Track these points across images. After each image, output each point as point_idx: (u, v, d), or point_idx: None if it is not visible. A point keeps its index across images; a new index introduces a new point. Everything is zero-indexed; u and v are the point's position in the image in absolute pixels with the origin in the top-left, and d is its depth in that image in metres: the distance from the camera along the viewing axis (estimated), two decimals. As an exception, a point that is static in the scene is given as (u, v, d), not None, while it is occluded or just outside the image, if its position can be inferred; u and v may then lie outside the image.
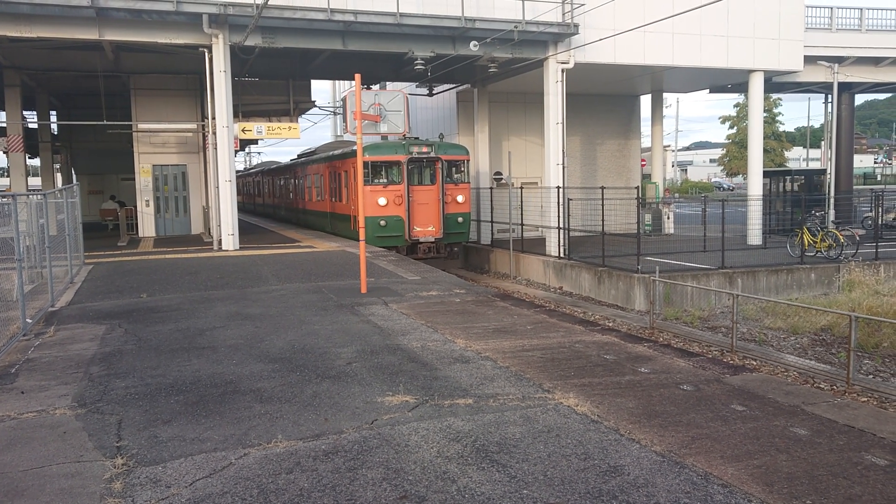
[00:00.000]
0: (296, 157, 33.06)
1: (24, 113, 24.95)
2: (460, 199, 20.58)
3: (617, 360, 7.42)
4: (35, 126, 28.37)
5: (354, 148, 19.72)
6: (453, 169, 20.51)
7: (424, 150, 19.88)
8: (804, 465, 4.67)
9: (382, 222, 19.54)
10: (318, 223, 25.92)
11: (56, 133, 32.15)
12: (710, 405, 5.92)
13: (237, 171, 52.19)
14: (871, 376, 10.84)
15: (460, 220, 20.68)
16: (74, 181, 31.12)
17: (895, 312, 14.22)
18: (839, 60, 25.94)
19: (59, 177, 34.59)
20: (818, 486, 4.38)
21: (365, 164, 18.81)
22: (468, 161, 21.15)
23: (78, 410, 5.99)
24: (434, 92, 27.08)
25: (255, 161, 65.76)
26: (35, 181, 35.60)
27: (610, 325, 12.65)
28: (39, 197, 12.92)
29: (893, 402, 8.33)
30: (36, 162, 34.30)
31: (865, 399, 8.50)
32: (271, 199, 37.76)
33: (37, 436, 5.41)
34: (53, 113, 31.14)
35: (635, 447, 5.00)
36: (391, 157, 19.74)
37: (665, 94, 29.78)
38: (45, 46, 19.43)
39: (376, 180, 19.68)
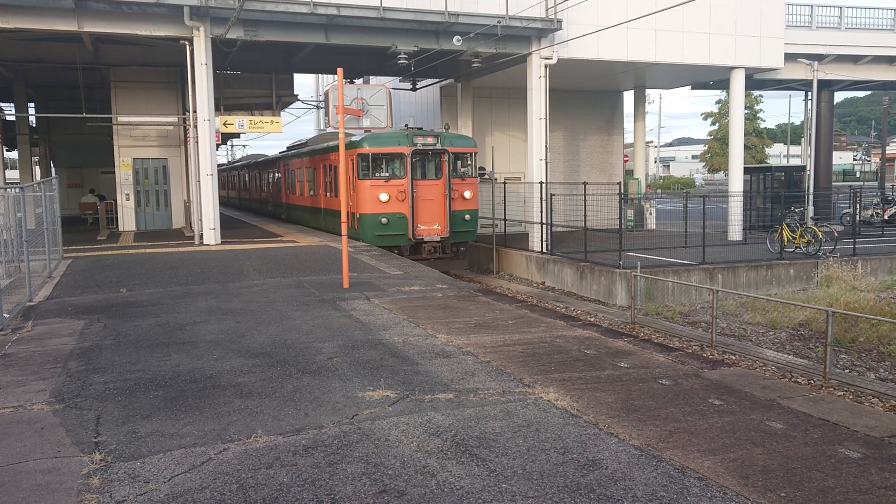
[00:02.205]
0: (285, 149, 31.46)
1: (2, 105, 24.62)
2: (468, 194, 19.01)
3: (597, 355, 7.47)
4: (13, 118, 28.00)
5: (352, 139, 18.40)
6: (459, 162, 18.98)
7: (430, 140, 18.36)
8: (779, 459, 4.74)
9: (384, 220, 18.02)
10: (310, 220, 24.28)
11: (34, 125, 31.74)
12: (689, 399, 5.98)
13: (221, 165, 51.44)
14: (847, 371, 10.99)
15: (467, 217, 19.16)
16: (53, 174, 30.76)
17: (872, 308, 14.41)
18: (819, 58, 26.18)
19: (37, 170, 34.16)
20: (792, 478, 4.44)
21: (364, 157, 18.00)
22: (476, 154, 19.65)
23: (56, 406, 5.94)
24: (417, 87, 27.01)
25: (239, 154, 63.74)
26: (13, 174, 35.16)
27: (591, 320, 12.72)
28: (17, 190, 12.76)
29: (868, 396, 8.45)
30: (14, 155, 33.88)
31: (841, 393, 8.61)
32: (258, 194, 35.75)
33: (13, 431, 5.36)
34: (31, 105, 30.72)
35: (613, 441, 5.04)
36: (393, 149, 18.15)
37: (648, 91, 29.94)
38: (22, 37, 19.15)
39: (377, 174, 18.14)
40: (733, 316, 14.67)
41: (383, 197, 17.98)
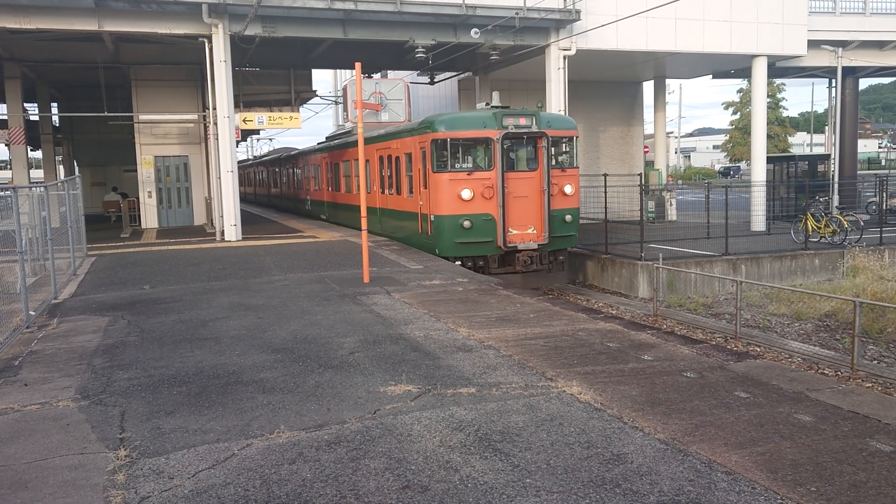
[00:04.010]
0: (324, 140, 28.42)
1: (25, 105, 24.93)
2: (569, 189, 15.28)
3: (620, 348, 7.40)
4: (36, 118, 28.36)
5: (421, 120, 15.72)
6: (555, 148, 15.36)
7: (522, 122, 14.74)
8: (809, 452, 4.65)
9: (466, 223, 14.43)
10: (360, 223, 20.87)
11: (57, 125, 32.12)
12: (714, 392, 5.90)
13: (246, 161, 51.11)
14: (875, 362, 10.81)
15: (568, 218, 15.33)
16: (76, 173, 31.11)
17: (900, 298, 14.16)
18: (843, 45, 25.74)
19: (61, 169, 34.59)
20: (823, 472, 4.35)
21: (440, 144, 14.65)
22: (577, 137, 15.95)
23: (81, 402, 5.99)
24: (435, 80, 26.96)
25: (265, 149, 59.11)
26: (37, 173, 35.64)
27: (613, 312, 12.62)
28: (41, 189, 12.91)
29: (898, 388, 8.31)
30: (38, 154, 34.33)
31: (870, 385, 8.48)
32: (291, 191, 31.78)
33: (40, 428, 5.41)
34: (54, 105, 31.09)
35: (638, 435, 4.98)
36: (478, 133, 14.58)
37: (668, 81, 29.65)
38: (44, 38, 19.37)
39: (456, 165, 14.69)
40: (757, 307, 14.50)
41: (465, 194, 14.38)
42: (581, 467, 4.48)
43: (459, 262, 14.27)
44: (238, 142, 22.77)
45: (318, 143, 28.30)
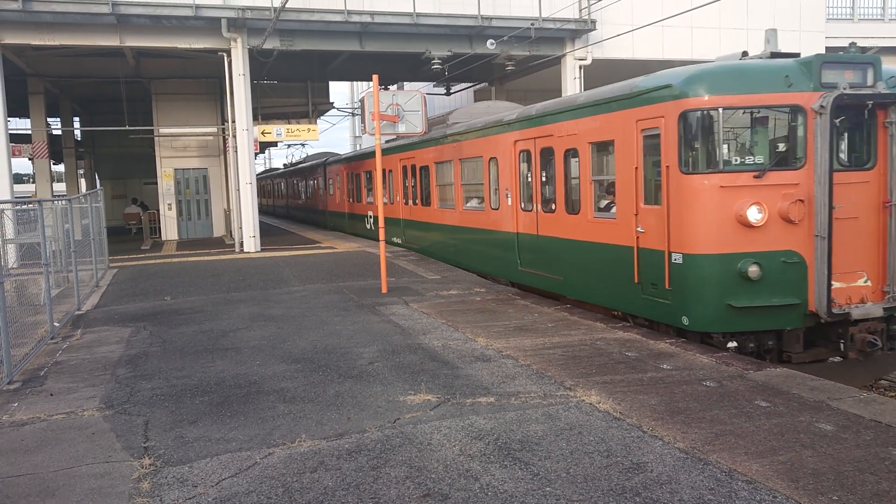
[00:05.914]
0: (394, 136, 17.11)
1: (48, 119, 25.37)
2: None
3: (639, 357, 7.39)
4: (59, 132, 28.83)
5: (639, 83, 8.83)
6: None
7: (856, 77, 8.02)
8: (830, 461, 4.63)
9: (752, 268, 7.68)
10: (471, 257, 14.02)
11: (79, 139, 32.64)
12: (734, 401, 5.88)
13: (279, 168, 50.39)
14: (898, 371, 10.68)
15: None
16: (98, 186, 31.54)
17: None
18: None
19: (83, 182, 35.10)
20: (844, 481, 4.33)
21: (705, 119, 7.77)
22: None
23: (105, 412, 6.08)
24: (451, 91, 27.10)
25: (297, 155, 48.95)
26: (60, 187, 36.18)
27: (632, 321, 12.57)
28: (64, 202, 13.12)
29: (921, 397, 8.21)
30: (60, 168, 34.87)
31: (893, 394, 8.39)
32: (344, 205, 24.36)
33: (66, 437, 5.50)
34: (76, 119, 31.60)
35: (658, 444, 4.98)
36: (777, 98, 7.75)
37: (684, 89, 29.52)
38: (67, 54, 19.74)
39: (732, 160, 7.86)
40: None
41: (753, 215, 7.68)
42: (601, 476, 4.49)
43: (734, 345, 7.90)
44: (256, 154, 23.01)
45: (387, 142, 19.68)
